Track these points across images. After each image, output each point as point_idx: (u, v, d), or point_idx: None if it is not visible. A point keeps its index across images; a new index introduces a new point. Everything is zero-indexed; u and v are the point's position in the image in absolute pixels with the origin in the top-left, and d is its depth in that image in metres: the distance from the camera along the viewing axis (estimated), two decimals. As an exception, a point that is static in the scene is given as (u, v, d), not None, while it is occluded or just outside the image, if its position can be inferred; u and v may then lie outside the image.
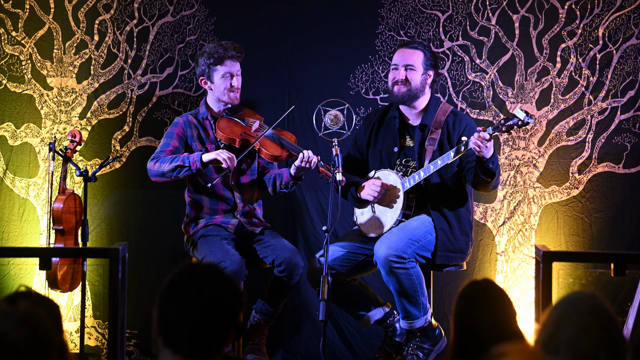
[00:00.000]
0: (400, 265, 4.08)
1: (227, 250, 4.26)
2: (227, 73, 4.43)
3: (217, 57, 4.42)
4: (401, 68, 4.32)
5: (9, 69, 5.05)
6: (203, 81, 4.47)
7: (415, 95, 4.33)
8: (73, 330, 4.96)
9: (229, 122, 4.47)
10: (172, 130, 4.48)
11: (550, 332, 2.05)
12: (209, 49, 4.46)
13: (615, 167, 5.00)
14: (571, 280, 4.83)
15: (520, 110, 4.01)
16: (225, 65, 4.43)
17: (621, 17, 4.98)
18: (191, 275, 2.09)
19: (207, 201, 4.46)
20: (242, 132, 4.42)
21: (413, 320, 4.20)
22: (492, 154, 4.02)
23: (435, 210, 4.25)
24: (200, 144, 4.47)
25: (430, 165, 4.18)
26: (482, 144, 3.96)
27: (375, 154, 4.44)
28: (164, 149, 4.42)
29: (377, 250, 4.15)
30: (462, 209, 4.29)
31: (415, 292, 4.13)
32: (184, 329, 2.03)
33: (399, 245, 4.10)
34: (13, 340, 1.83)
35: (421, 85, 4.33)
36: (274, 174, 4.51)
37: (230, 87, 4.44)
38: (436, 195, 4.27)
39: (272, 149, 4.38)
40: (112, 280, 3.38)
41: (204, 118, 4.50)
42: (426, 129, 4.32)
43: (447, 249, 4.24)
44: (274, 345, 4.91)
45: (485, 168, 4.05)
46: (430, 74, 4.34)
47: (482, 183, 4.15)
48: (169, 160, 4.32)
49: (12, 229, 5.02)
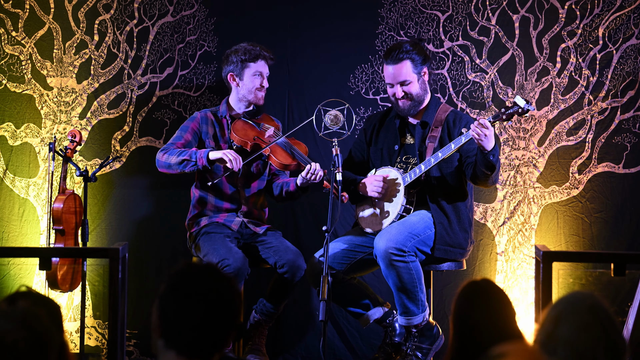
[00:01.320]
0: (400, 258, 4.08)
1: (230, 248, 4.26)
2: (259, 72, 4.47)
3: (253, 55, 4.46)
4: (397, 86, 4.30)
5: (9, 69, 5.05)
6: (232, 77, 4.50)
7: (420, 101, 4.34)
8: (73, 330, 4.96)
9: (244, 125, 4.49)
10: (188, 124, 4.51)
11: (548, 331, 2.05)
12: (243, 46, 4.50)
13: (615, 167, 5.00)
14: (571, 280, 4.83)
15: (521, 97, 4.03)
16: (259, 64, 4.47)
17: (621, 17, 4.98)
18: (191, 276, 2.09)
19: (213, 199, 4.48)
20: (256, 136, 4.44)
21: (411, 317, 4.19)
22: (493, 146, 4.03)
23: (435, 204, 4.26)
24: (214, 142, 4.49)
25: (430, 158, 4.18)
26: (482, 132, 3.96)
27: (376, 152, 4.46)
28: (176, 141, 4.44)
29: (376, 244, 4.15)
30: (462, 205, 4.30)
31: (414, 287, 4.13)
32: (187, 330, 2.03)
33: (399, 238, 4.11)
34: (12, 341, 1.83)
35: (422, 89, 4.33)
36: (282, 181, 4.54)
37: (259, 86, 4.47)
38: (436, 190, 4.28)
39: (282, 157, 4.39)
40: (112, 280, 3.38)
41: (222, 116, 4.53)
42: (427, 127, 4.33)
43: (446, 243, 4.24)
44: (274, 345, 4.92)
45: (486, 160, 4.05)
46: (424, 72, 4.33)
47: (481, 177, 4.14)
48: (177, 154, 4.34)
49: (12, 229, 5.02)
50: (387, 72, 4.32)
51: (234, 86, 4.52)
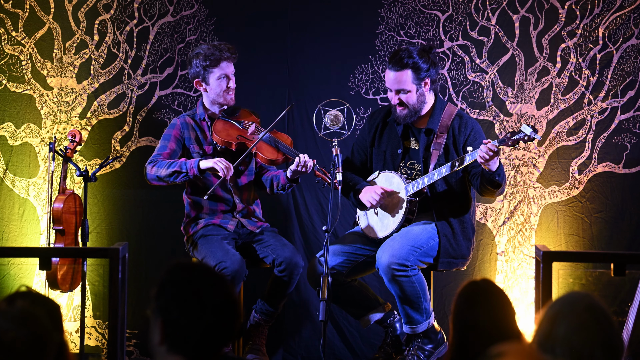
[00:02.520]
0: (403, 273, 4.07)
1: (228, 250, 4.26)
2: (223, 75, 4.40)
3: (213, 60, 4.38)
4: (394, 94, 4.24)
5: (9, 69, 5.05)
6: (197, 83, 4.44)
7: (416, 112, 4.26)
8: (73, 330, 4.96)
9: (225, 125, 4.45)
10: (169, 132, 4.46)
11: (546, 331, 2.06)
12: (202, 50, 4.41)
13: (615, 167, 5.00)
14: (571, 280, 4.82)
15: (527, 125, 3.94)
16: (221, 68, 4.40)
17: (621, 17, 4.98)
18: (189, 278, 2.07)
19: (207, 202, 4.45)
20: (239, 135, 4.41)
21: (415, 325, 4.19)
22: (498, 167, 3.99)
23: (439, 216, 4.22)
24: (198, 145, 4.46)
25: (434, 173, 4.13)
26: (489, 157, 3.91)
27: (379, 154, 4.41)
28: (162, 152, 4.39)
29: (379, 258, 4.13)
30: (466, 215, 4.28)
31: (418, 298, 4.13)
32: (192, 334, 2.01)
33: (401, 253, 4.08)
34: (10, 340, 1.83)
35: (419, 101, 4.24)
36: (271, 175, 4.51)
37: (226, 88, 4.42)
38: (440, 201, 4.24)
39: (269, 153, 4.36)
40: (112, 280, 3.38)
41: (201, 119, 4.48)
42: (432, 134, 4.27)
43: (450, 256, 4.23)
44: (274, 345, 4.91)
45: (492, 181, 4.03)
46: (426, 82, 4.23)
47: (487, 192, 4.16)
48: (166, 165, 4.30)
49: (12, 229, 5.02)
50: (388, 76, 4.25)
51: (202, 91, 4.47)
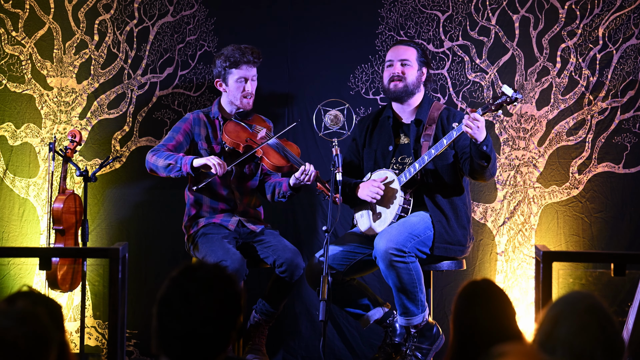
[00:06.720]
0: (400, 259, 4.09)
1: (228, 249, 4.26)
2: (242, 77, 4.45)
3: (233, 61, 4.44)
4: (397, 63, 4.38)
5: (9, 69, 5.05)
6: (218, 83, 4.51)
7: (411, 91, 4.36)
8: (73, 330, 4.96)
9: (236, 127, 4.48)
10: (180, 125, 4.50)
11: (547, 331, 2.06)
12: (226, 51, 4.48)
13: (615, 167, 5.00)
14: (571, 280, 4.82)
15: (508, 87, 4.04)
16: (241, 69, 4.46)
17: (621, 17, 4.98)
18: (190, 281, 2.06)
19: (208, 200, 4.47)
20: (248, 137, 4.44)
21: (411, 317, 4.20)
22: (485, 137, 4.03)
23: (432, 203, 4.26)
24: (207, 143, 4.48)
25: (424, 156, 4.18)
26: (474, 124, 3.97)
27: (370, 154, 4.45)
28: (167, 143, 4.44)
29: (376, 244, 4.15)
30: (459, 202, 4.30)
31: (414, 287, 4.13)
32: (180, 342, 2.00)
33: (399, 239, 4.11)
34: (12, 339, 1.83)
35: (417, 80, 4.38)
36: (274, 181, 4.54)
37: (243, 91, 4.45)
38: (432, 188, 4.28)
39: (275, 159, 4.39)
40: (112, 280, 3.38)
41: (214, 117, 4.52)
42: (421, 125, 4.35)
43: (445, 241, 4.25)
44: (274, 345, 4.92)
45: (480, 151, 4.05)
46: (424, 71, 4.41)
47: (479, 169, 4.14)
48: (165, 157, 4.33)
49: (12, 229, 5.02)
50: (391, 52, 4.45)
51: (221, 90, 4.53)
